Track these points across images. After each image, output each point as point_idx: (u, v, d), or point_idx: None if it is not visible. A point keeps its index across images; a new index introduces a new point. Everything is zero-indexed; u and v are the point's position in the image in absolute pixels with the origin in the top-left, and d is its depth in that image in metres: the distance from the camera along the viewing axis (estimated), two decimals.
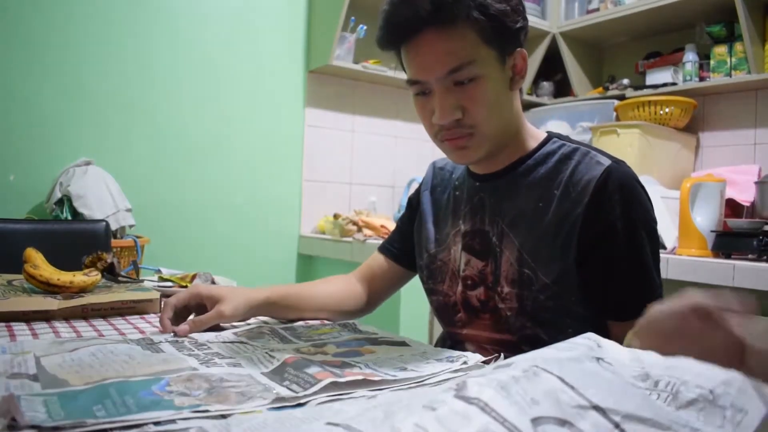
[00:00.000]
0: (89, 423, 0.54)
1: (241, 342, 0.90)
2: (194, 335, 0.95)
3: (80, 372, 0.68)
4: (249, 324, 1.06)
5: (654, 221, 0.97)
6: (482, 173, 1.06)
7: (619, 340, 0.87)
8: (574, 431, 0.42)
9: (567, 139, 1.04)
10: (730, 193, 2.30)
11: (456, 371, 0.77)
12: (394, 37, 0.94)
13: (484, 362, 0.80)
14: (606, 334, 0.84)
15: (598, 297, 0.96)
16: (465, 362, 0.80)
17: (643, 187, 0.97)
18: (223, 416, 0.58)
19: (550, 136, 1.04)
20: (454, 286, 1.07)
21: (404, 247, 1.23)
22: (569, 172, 0.97)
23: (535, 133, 1.05)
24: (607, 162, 0.95)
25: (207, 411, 0.59)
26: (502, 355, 0.82)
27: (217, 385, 0.68)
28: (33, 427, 0.50)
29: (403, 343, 0.91)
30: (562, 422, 0.42)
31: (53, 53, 2.27)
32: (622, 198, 0.93)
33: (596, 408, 0.44)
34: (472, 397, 0.43)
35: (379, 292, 1.26)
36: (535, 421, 0.41)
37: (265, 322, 1.08)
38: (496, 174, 1.04)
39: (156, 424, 0.56)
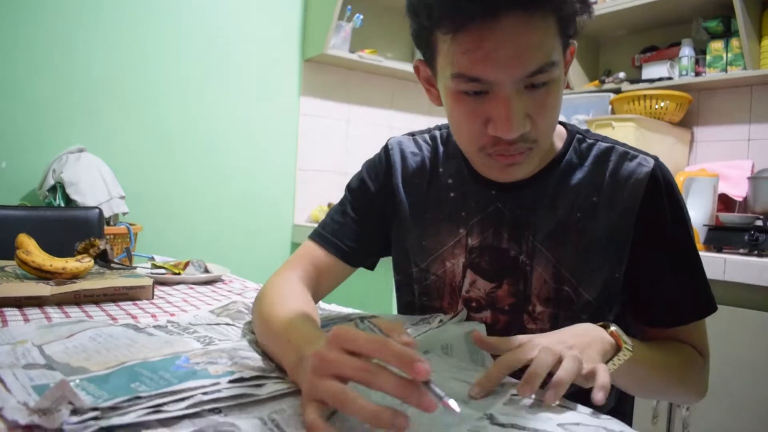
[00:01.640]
0: (144, 396, 0.54)
1: (227, 324, 0.91)
2: (175, 318, 0.95)
3: (91, 359, 0.68)
4: (221, 302, 1.08)
5: (689, 217, 0.91)
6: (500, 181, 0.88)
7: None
8: None
9: (588, 133, 0.93)
10: (723, 188, 2.32)
11: (437, 327, 0.85)
12: (456, 18, 0.69)
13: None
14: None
15: (644, 306, 0.90)
16: (441, 320, 0.87)
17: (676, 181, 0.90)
18: (258, 386, 0.60)
19: (572, 132, 0.92)
20: (455, 305, 0.94)
21: (360, 247, 1.00)
22: (608, 176, 0.87)
23: (557, 130, 0.91)
24: (649, 163, 0.87)
25: (242, 378, 0.61)
26: (464, 307, 0.92)
27: (236, 355, 0.69)
28: (94, 408, 0.50)
29: (373, 316, 0.94)
30: None
31: (46, 40, 2.25)
32: (670, 202, 0.87)
33: None
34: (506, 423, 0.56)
35: (321, 295, 0.99)
36: None
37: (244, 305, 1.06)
38: (520, 183, 0.89)
39: (204, 394, 0.57)
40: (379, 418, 0.49)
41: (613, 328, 0.76)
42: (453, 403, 0.49)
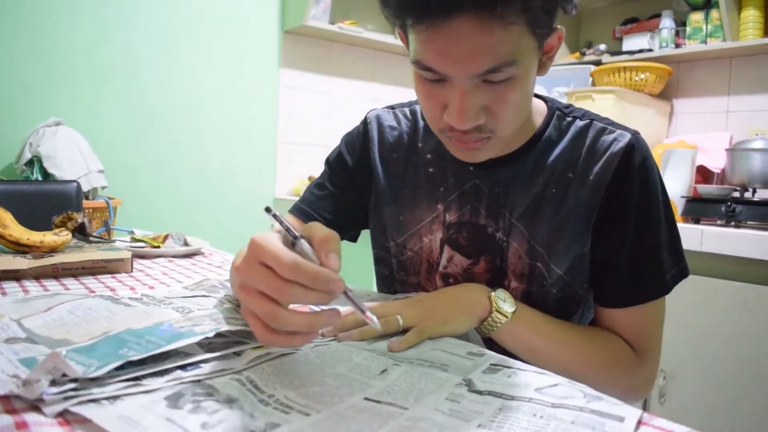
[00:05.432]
0: (136, 360, 0.55)
1: (203, 296, 0.91)
2: (150, 292, 0.95)
3: (72, 331, 0.67)
4: (195, 279, 1.07)
5: (668, 197, 0.89)
6: None
7: (622, 329, 0.88)
8: None
9: (569, 109, 0.92)
10: (702, 159, 2.34)
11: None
12: (412, 12, 0.69)
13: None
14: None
15: (595, 284, 0.89)
16: (407, 296, 0.89)
17: (653, 159, 0.88)
18: (238, 353, 0.61)
19: (552, 108, 0.91)
20: (432, 281, 0.95)
21: (338, 220, 1.01)
22: (584, 152, 0.86)
23: (537, 106, 0.91)
24: (624, 138, 0.85)
25: (229, 331, 0.63)
26: (443, 283, 0.93)
27: (218, 317, 0.70)
28: (74, 380, 0.51)
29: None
30: None
31: (23, 12, 2.20)
32: (640, 178, 0.84)
33: None
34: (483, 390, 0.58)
35: None
36: None
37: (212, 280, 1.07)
38: (499, 161, 0.89)
39: (182, 368, 0.57)
40: (316, 321, 0.55)
41: (493, 293, 0.81)
42: (373, 317, 0.56)
